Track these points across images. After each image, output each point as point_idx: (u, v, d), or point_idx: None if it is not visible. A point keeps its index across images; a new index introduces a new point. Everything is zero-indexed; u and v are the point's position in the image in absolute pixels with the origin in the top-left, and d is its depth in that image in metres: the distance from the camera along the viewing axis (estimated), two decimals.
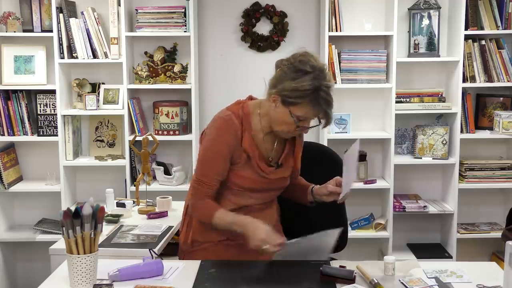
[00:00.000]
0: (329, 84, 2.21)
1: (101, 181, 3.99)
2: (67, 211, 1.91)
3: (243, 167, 2.28)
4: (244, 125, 2.28)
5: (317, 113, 2.21)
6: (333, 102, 2.23)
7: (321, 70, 2.20)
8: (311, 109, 2.20)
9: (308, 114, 2.21)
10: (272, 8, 4.07)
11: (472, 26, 3.87)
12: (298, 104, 2.19)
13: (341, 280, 1.98)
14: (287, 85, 2.18)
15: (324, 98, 2.18)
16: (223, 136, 2.27)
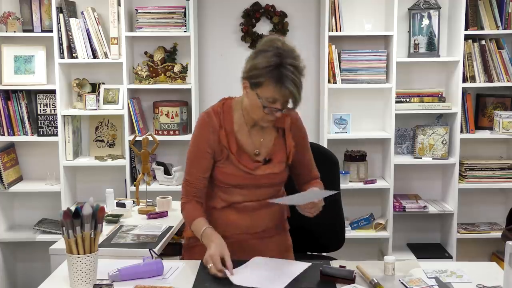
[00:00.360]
0: (293, 62, 2.16)
1: (101, 181, 4.00)
2: (67, 211, 1.91)
3: (225, 164, 2.27)
4: (223, 120, 2.28)
5: (283, 92, 2.14)
6: (300, 81, 2.18)
7: (284, 49, 2.18)
8: (274, 88, 2.13)
9: (273, 94, 2.14)
10: (272, 8, 4.07)
11: (472, 26, 3.87)
12: (262, 84, 2.15)
13: (341, 280, 1.98)
14: (248, 65, 2.18)
15: (287, 75, 2.13)
16: (202, 134, 2.29)
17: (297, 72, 2.18)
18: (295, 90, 2.16)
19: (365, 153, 4.05)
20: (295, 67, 2.18)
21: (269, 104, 2.17)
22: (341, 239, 2.78)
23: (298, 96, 2.18)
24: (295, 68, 2.18)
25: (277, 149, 2.33)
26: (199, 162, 2.29)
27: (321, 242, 2.78)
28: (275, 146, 2.33)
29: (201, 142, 2.29)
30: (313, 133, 4.07)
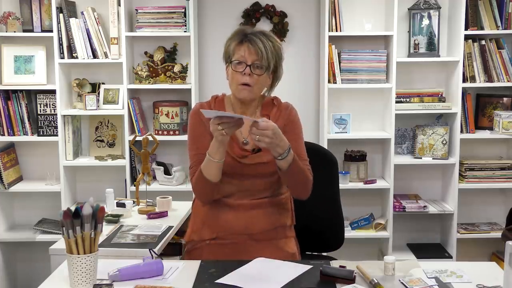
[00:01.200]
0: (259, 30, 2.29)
1: (101, 181, 4.00)
2: (67, 211, 1.91)
3: None
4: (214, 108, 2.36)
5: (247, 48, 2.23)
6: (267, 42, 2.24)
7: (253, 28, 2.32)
8: (239, 46, 2.25)
9: (241, 51, 2.24)
10: (272, 8, 4.07)
11: (472, 26, 3.87)
12: (232, 51, 2.27)
13: (341, 280, 1.98)
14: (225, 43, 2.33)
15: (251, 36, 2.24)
16: (197, 119, 2.34)
17: (264, 36, 2.26)
18: (262, 47, 2.23)
19: (365, 153, 4.05)
20: (266, 35, 2.28)
21: (238, 66, 2.25)
22: (341, 239, 2.78)
23: (263, 49, 2.23)
24: (261, 33, 2.27)
25: None
26: (200, 142, 2.31)
27: (320, 242, 2.78)
28: None
29: (197, 126, 2.34)
30: (313, 133, 4.07)
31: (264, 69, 2.25)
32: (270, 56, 2.25)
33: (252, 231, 2.33)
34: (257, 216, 2.33)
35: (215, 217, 2.34)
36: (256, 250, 2.30)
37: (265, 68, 2.25)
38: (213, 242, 2.35)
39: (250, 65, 2.23)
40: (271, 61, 2.26)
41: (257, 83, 2.27)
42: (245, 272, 2.07)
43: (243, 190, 2.32)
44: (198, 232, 2.39)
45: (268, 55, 2.24)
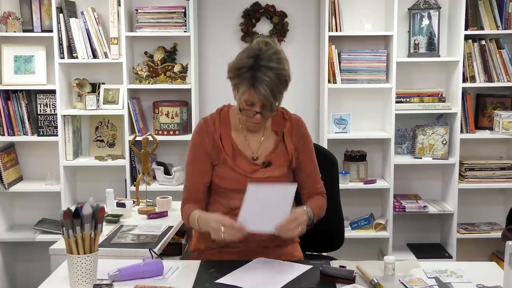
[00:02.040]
0: (269, 64, 2.09)
1: (101, 181, 4.00)
2: (67, 211, 1.91)
3: (222, 167, 2.27)
4: (219, 125, 2.28)
5: (256, 95, 2.09)
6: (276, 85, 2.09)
7: (264, 51, 2.12)
8: (248, 90, 2.10)
9: (248, 96, 2.11)
10: (272, 8, 4.07)
11: (472, 26, 3.87)
12: (237, 85, 2.15)
13: (341, 280, 1.98)
14: (228, 66, 2.20)
15: (261, 78, 2.08)
16: (198, 139, 2.29)
17: (274, 75, 2.09)
18: (268, 93, 2.08)
19: (365, 153, 4.05)
20: (272, 69, 2.10)
21: (246, 107, 2.15)
22: (341, 239, 2.78)
23: (272, 100, 2.10)
24: (271, 71, 2.09)
25: (277, 153, 2.30)
26: (198, 166, 2.29)
27: (320, 242, 2.78)
28: (275, 150, 2.31)
29: (198, 147, 2.29)
30: (313, 133, 4.07)
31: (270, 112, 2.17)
32: (279, 99, 2.14)
33: (260, 238, 2.28)
34: None
35: None
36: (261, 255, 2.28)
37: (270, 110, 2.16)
38: (221, 250, 2.32)
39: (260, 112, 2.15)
40: (280, 100, 2.16)
41: (266, 120, 2.23)
42: (245, 272, 2.07)
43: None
44: (205, 240, 2.33)
45: (276, 101, 2.13)
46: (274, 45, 2.18)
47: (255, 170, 2.27)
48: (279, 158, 2.30)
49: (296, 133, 2.34)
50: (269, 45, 2.17)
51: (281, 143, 2.32)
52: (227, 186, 2.28)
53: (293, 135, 2.34)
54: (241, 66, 2.14)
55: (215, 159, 2.27)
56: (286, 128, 2.33)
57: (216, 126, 2.28)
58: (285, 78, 2.14)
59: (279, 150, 2.31)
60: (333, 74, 3.91)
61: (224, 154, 2.26)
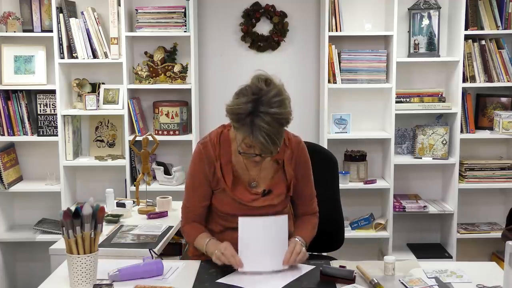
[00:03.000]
0: (269, 110, 2.00)
1: (101, 181, 4.00)
2: (67, 211, 1.91)
3: (222, 194, 2.27)
4: (220, 152, 2.24)
5: (255, 142, 2.03)
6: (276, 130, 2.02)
7: (264, 94, 2.02)
8: (247, 136, 2.04)
9: (246, 142, 2.07)
10: (272, 8, 4.07)
11: (472, 26, 3.87)
12: (237, 129, 2.09)
13: (341, 280, 1.98)
14: (226, 107, 2.10)
15: (259, 126, 2.00)
16: (198, 165, 2.28)
17: (273, 120, 2.01)
18: (266, 141, 2.01)
19: (365, 153, 4.05)
20: (272, 115, 2.01)
21: (246, 149, 2.11)
22: (341, 239, 2.78)
23: (271, 147, 2.04)
24: (271, 116, 2.00)
25: (277, 181, 2.30)
26: (197, 191, 2.30)
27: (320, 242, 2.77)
28: (275, 178, 2.29)
29: (198, 173, 2.29)
30: (313, 133, 4.07)
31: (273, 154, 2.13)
32: (279, 140, 2.07)
33: None
34: None
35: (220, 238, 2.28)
36: None
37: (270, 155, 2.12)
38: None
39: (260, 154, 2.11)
40: (281, 141, 2.10)
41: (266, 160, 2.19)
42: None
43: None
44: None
45: (276, 144, 2.06)
46: (276, 84, 2.08)
47: (254, 199, 2.26)
48: (278, 186, 2.29)
49: (296, 158, 2.32)
50: (270, 85, 2.06)
51: (280, 170, 2.30)
52: (227, 211, 2.28)
53: (293, 162, 2.32)
54: (239, 112, 2.04)
55: (214, 186, 2.28)
56: (286, 156, 2.30)
57: (217, 154, 2.25)
58: (286, 120, 2.07)
59: (278, 177, 2.30)
60: (333, 74, 3.91)
61: (224, 184, 2.25)
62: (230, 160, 2.26)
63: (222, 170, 2.25)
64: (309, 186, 2.39)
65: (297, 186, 2.34)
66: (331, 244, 2.78)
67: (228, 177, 2.24)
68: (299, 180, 2.34)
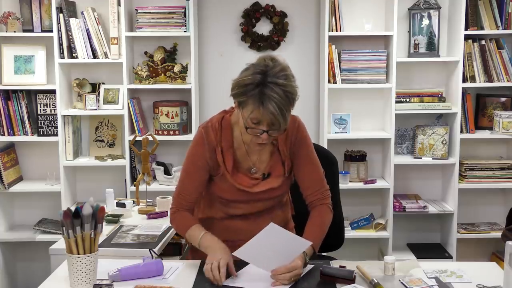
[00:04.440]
0: (278, 81, 1.99)
1: (101, 181, 3.99)
2: (67, 211, 1.91)
3: (222, 180, 2.23)
4: (221, 137, 2.21)
5: (265, 114, 2.00)
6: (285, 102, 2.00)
7: (271, 67, 2.02)
8: (256, 108, 2.01)
9: (255, 114, 2.02)
10: (272, 8, 4.07)
11: (472, 26, 3.87)
12: (244, 103, 2.04)
13: (341, 280, 1.98)
14: (232, 83, 2.09)
15: (269, 95, 1.98)
16: (198, 149, 2.24)
17: (283, 92, 2.00)
18: (277, 112, 1.99)
19: (365, 153, 4.05)
20: (281, 86, 2.00)
21: (253, 125, 2.06)
22: (341, 239, 2.78)
23: (281, 119, 2.01)
24: (280, 88, 2.00)
25: (275, 163, 2.26)
26: (194, 177, 2.26)
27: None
28: (272, 160, 2.26)
29: (197, 158, 2.25)
30: (313, 133, 4.07)
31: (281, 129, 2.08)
32: (287, 115, 2.04)
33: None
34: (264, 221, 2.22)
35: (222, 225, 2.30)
36: None
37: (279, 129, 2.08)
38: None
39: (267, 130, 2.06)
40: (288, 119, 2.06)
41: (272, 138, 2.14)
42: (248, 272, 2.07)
43: (253, 212, 2.29)
44: None
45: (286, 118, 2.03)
46: (281, 61, 2.08)
47: (254, 184, 2.24)
48: (277, 168, 2.26)
49: (292, 137, 2.26)
50: (276, 61, 2.07)
51: (276, 152, 2.26)
52: (227, 198, 2.27)
53: (289, 141, 2.26)
54: (248, 83, 2.02)
55: (214, 171, 2.24)
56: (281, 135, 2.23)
57: (218, 139, 2.22)
58: (293, 96, 2.04)
59: (275, 158, 2.26)
60: (333, 74, 3.91)
61: (224, 170, 2.22)
62: (231, 146, 2.23)
63: (223, 155, 2.22)
64: (314, 168, 2.29)
65: (299, 169, 2.27)
66: (331, 244, 2.78)
67: (229, 162, 2.22)
68: (300, 162, 2.26)
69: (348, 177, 3.96)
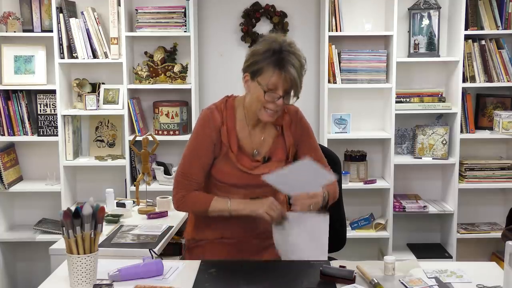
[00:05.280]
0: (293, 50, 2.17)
1: (101, 181, 3.99)
2: (67, 211, 1.91)
3: (223, 162, 2.26)
4: (226, 118, 2.27)
5: (284, 77, 2.14)
6: (300, 68, 2.18)
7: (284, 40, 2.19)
8: (274, 72, 2.14)
9: (274, 79, 2.14)
10: (272, 8, 4.07)
11: (472, 26, 3.87)
12: (262, 70, 2.16)
13: (341, 280, 1.98)
14: (248, 55, 2.21)
15: (287, 60, 2.14)
16: (204, 129, 2.28)
17: (297, 59, 2.17)
18: (296, 75, 2.15)
19: (365, 153, 4.05)
20: (296, 55, 2.18)
21: (270, 91, 2.16)
22: (343, 240, 2.78)
23: (298, 82, 2.17)
24: (295, 56, 2.17)
25: (276, 147, 2.31)
26: (199, 157, 2.28)
27: None
28: (274, 144, 2.31)
29: (203, 138, 2.28)
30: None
31: (294, 98, 2.21)
32: (301, 81, 2.20)
33: (258, 231, 2.31)
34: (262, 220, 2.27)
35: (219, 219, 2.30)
36: (259, 249, 2.30)
37: (294, 95, 2.21)
38: (216, 241, 2.34)
39: (283, 96, 2.18)
40: (301, 86, 2.21)
41: (282, 109, 2.24)
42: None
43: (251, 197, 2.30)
44: (201, 231, 2.37)
45: (300, 82, 2.19)
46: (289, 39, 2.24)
47: (255, 166, 2.28)
48: (278, 152, 2.31)
49: (295, 125, 2.36)
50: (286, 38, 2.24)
51: (280, 137, 2.33)
52: (227, 181, 2.28)
53: (293, 128, 2.35)
54: (266, 50, 2.15)
55: (217, 152, 2.27)
56: (285, 121, 2.34)
57: (224, 118, 2.27)
58: (304, 67, 2.22)
59: (278, 144, 2.32)
60: (333, 74, 3.91)
61: (228, 149, 2.25)
62: (234, 127, 2.28)
63: (228, 135, 2.25)
64: (317, 154, 2.37)
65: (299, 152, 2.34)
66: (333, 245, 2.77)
67: (233, 143, 2.26)
68: (305, 149, 2.33)
69: (348, 177, 3.96)
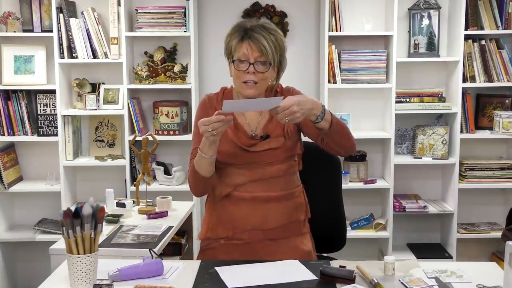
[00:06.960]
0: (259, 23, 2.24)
1: (101, 181, 3.99)
2: (67, 211, 1.91)
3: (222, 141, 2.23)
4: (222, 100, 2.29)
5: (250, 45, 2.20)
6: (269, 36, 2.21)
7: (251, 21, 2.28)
8: (241, 43, 2.21)
9: (241, 49, 2.21)
10: (272, 8, 4.07)
11: (472, 26, 3.87)
12: (232, 48, 2.24)
13: (341, 280, 1.98)
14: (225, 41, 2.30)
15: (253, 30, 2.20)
16: (203, 113, 2.31)
17: (268, 31, 2.23)
18: (265, 43, 2.19)
19: (365, 153, 4.05)
20: (266, 28, 2.24)
21: (241, 62, 2.22)
22: (343, 240, 2.78)
23: (270, 50, 2.20)
24: (262, 27, 2.23)
25: (273, 125, 2.31)
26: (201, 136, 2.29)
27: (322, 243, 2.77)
28: (271, 122, 2.32)
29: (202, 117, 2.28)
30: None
31: (268, 66, 2.22)
32: (274, 51, 2.22)
33: (268, 226, 2.29)
34: (272, 210, 2.28)
35: (230, 213, 2.31)
36: (271, 250, 2.29)
37: (268, 64, 2.22)
38: (228, 242, 2.33)
39: (254, 63, 2.21)
40: (275, 56, 2.23)
41: (261, 80, 2.24)
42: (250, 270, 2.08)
43: (254, 179, 2.29)
44: (214, 229, 2.35)
45: (271, 50, 2.21)
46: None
47: (253, 143, 2.28)
48: (276, 129, 2.31)
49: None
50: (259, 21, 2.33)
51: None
52: (227, 161, 2.27)
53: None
54: (236, 30, 2.25)
55: None
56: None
57: (220, 102, 2.33)
58: (281, 41, 2.25)
59: (274, 121, 2.30)
60: (333, 74, 3.91)
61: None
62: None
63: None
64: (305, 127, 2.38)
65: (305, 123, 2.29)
66: (333, 245, 2.78)
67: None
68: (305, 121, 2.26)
69: (348, 177, 3.96)
